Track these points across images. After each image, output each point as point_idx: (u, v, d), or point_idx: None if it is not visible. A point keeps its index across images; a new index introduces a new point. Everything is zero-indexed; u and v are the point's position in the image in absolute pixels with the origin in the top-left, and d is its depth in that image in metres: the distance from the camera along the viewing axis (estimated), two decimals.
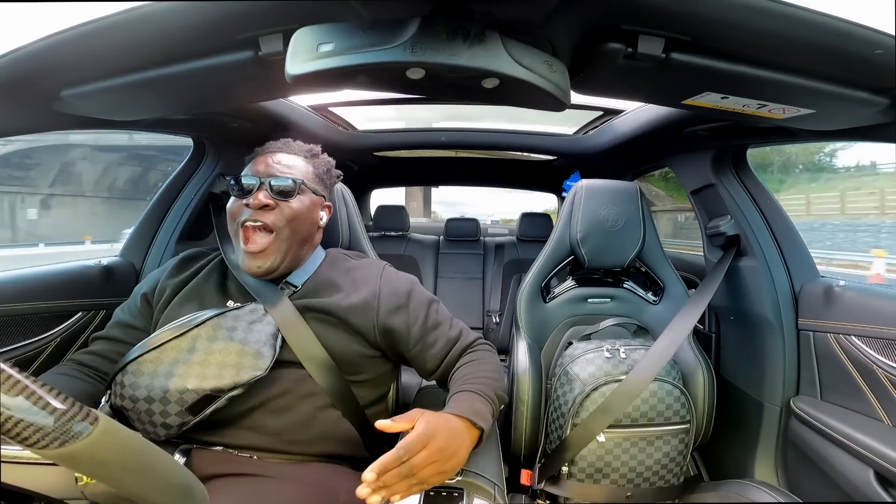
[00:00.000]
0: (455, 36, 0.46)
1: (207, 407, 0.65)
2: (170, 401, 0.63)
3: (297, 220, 0.76)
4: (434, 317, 0.81)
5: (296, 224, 0.76)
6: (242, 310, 0.73)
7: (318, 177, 0.84)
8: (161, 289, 0.79)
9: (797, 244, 1.11)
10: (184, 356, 0.66)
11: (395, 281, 0.81)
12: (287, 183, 0.75)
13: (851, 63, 0.54)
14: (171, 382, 0.63)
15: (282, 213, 0.74)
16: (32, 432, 0.32)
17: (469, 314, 2.15)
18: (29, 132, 0.79)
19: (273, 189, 0.74)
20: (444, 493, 0.63)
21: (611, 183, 1.17)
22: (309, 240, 0.81)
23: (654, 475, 0.94)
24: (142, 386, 0.64)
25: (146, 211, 1.21)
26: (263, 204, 0.73)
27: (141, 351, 0.66)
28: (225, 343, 0.67)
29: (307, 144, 0.86)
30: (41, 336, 0.92)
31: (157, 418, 0.64)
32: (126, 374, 0.65)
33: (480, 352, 0.81)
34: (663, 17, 0.49)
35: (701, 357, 1.04)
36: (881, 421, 0.85)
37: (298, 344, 0.72)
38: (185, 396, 0.63)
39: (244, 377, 0.65)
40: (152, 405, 0.64)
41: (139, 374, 0.65)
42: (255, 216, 0.73)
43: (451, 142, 1.76)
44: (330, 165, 0.89)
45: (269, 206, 0.73)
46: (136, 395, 0.64)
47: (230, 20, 0.52)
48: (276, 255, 0.74)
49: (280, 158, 0.79)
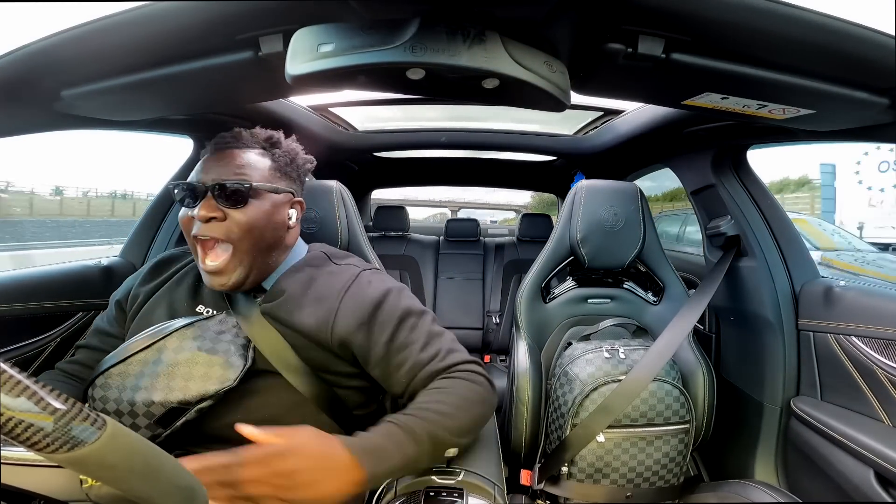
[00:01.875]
0: (455, 36, 0.46)
1: (177, 420, 0.63)
2: (138, 414, 0.62)
3: (255, 229, 0.67)
4: (404, 335, 0.69)
5: (255, 233, 0.67)
6: (211, 320, 0.68)
7: (279, 170, 0.73)
8: (134, 295, 0.76)
9: (797, 244, 1.11)
10: (150, 368, 0.63)
11: (360, 294, 0.71)
12: (236, 188, 0.66)
13: (851, 63, 0.54)
14: (138, 395, 0.61)
15: (234, 223, 0.66)
16: (33, 433, 0.32)
17: (469, 314, 2.16)
18: (29, 132, 0.79)
19: (221, 196, 0.65)
20: (444, 493, 0.62)
21: (611, 183, 1.17)
22: (277, 245, 0.73)
23: (653, 475, 0.94)
24: (111, 399, 0.62)
25: (146, 211, 1.21)
26: (210, 216, 0.65)
27: (108, 364, 0.64)
28: (191, 354, 0.64)
29: (265, 131, 0.76)
30: (41, 336, 0.92)
31: None
32: (95, 387, 0.63)
33: (457, 379, 0.66)
34: (663, 17, 0.49)
35: (701, 357, 1.04)
36: (881, 421, 0.85)
37: (271, 352, 0.67)
38: (151, 409, 0.61)
39: (211, 388, 0.63)
40: (122, 418, 0.61)
41: (107, 387, 0.63)
42: (204, 230, 0.66)
43: (451, 142, 1.76)
44: (294, 154, 0.77)
45: (216, 218, 0.65)
46: (106, 409, 0.62)
47: (230, 20, 0.52)
48: (238, 270, 0.68)
49: (229, 156, 0.69)
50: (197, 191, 0.67)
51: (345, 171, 2.04)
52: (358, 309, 0.69)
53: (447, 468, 0.68)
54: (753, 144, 1.11)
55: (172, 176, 1.23)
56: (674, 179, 1.40)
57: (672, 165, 1.39)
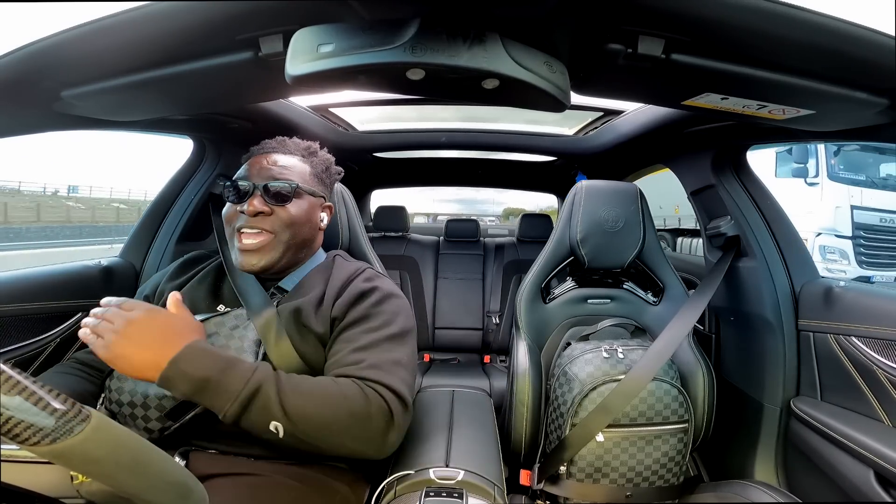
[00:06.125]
0: (455, 36, 0.46)
1: (186, 413, 0.64)
2: (150, 406, 0.64)
3: (296, 225, 0.74)
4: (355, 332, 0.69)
5: (294, 229, 0.74)
6: (227, 315, 0.71)
7: (316, 176, 0.81)
8: (160, 292, 0.80)
9: (797, 245, 1.11)
10: None
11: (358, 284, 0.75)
12: (283, 187, 0.73)
13: (851, 63, 0.54)
14: (151, 388, 0.63)
15: (278, 219, 0.73)
16: (32, 433, 0.32)
17: (469, 315, 2.16)
18: (29, 132, 0.79)
19: (268, 194, 0.72)
20: (444, 494, 0.62)
21: (611, 183, 1.17)
22: (309, 243, 0.79)
23: (653, 475, 0.94)
24: (126, 391, 0.64)
25: (146, 211, 1.21)
26: (258, 211, 0.71)
27: None
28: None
29: (305, 142, 0.84)
30: (41, 336, 0.92)
31: (139, 422, 0.64)
32: (113, 378, 0.66)
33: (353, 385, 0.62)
34: (663, 17, 0.49)
35: (701, 357, 1.04)
36: (881, 421, 0.85)
37: (277, 352, 0.69)
38: (163, 402, 0.63)
39: None
40: (135, 410, 0.64)
41: (123, 379, 0.65)
42: (251, 223, 0.72)
43: (451, 142, 1.76)
44: (329, 163, 0.85)
45: (264, 213, 0.72)
46: (121, 400, 0.64)
47: (230, 20, 0.52)
48: (273, 253, 0.73)
49: (276, 159, 0.76)
50: (245, 189, 0.73)
51: (345, 172, 2.04)
52: (349, 295, 0.73)
53: (447, 468, 0.68)
54: (753, 145, 1.11)
55: (173, 176, 1.24)
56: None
57: (672, 166, 1.39)
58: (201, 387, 0.56)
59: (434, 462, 0.71)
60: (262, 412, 0.57)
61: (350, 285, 0.75)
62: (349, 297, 0.73)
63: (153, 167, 23.78)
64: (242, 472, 0.66)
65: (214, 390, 0.56)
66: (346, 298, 0.73)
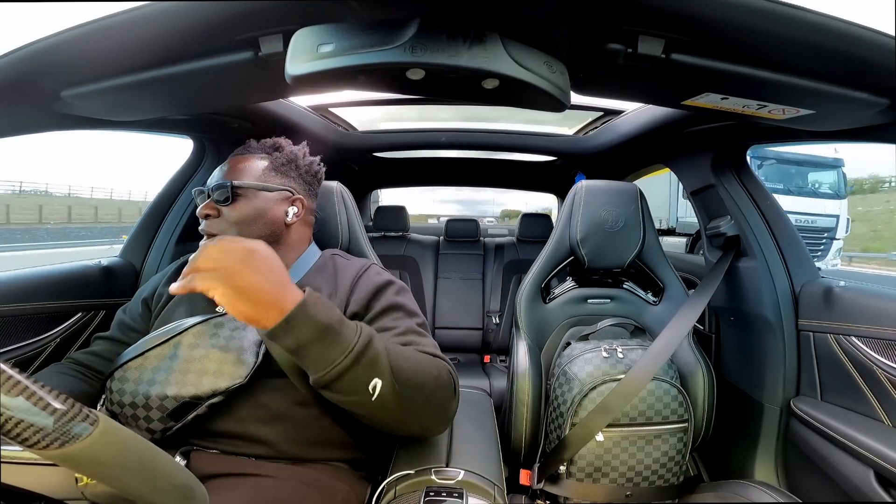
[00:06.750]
0: (455, 36, 0.46)
1: (188, 414, 0.65)
2: (151, 407, 0.64)
3: (243, 223, 0.74)
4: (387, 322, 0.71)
5: (241, 227, 0.74)
6: (227, 317, 0.71)
7: (275, 170, 0.79)
8: (159, 294, 0.80)
9: (797, 245, 1.11)
10: (165, 363, 0.66)
11: (369, 279, 0.76)
12: (222, 187, 0.74)
13: (851, 63, 0.54)
14: (153, 389, 0.64)
15: (225, 219, 0.74)
16: (32, 433, 0.32)
17: (469, 314, 2.15)
18: (29, 132, 0.79)
19: (213, 197, 0.74)
20: (444, 493, 0.62)
21: (611, 183, 1.17)
22: (276, 238, 0.77)
23: (653, 474, 0.94)
24: (127, 392, 0.65)
25: (146, 211, 1.21)
26: (206, 213, 0.74)
27: (127, 357, 0.67)
28: (205, 350, 0.67)
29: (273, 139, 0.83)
30: (41, 336, 0.93)
31: (141, 423, 0.64)
32: (114, 379, 0.66)
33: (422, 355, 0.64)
34: (663, 17, 0.49)
35: (701, 357, 1.04)
36: (881, 421, 0.85)
37: (279, 352, 0.68)
38: (165, 403, 0.63)
39: (222, 385, 0.65)
40: (136, 410, 0.64)
41: (125, 380, 0.65)
42: (204, 226, 0.74)
43: (450, 142, 1.76)
44: (293, 156, 0.82)
45: (212, 215, 0.74)
46: (122, 401, 0.64)
47: (230, 20, 0.52)
48: None
49: (233, 163, 0.78)
50: (204, 193, 0.76)
51: (345, 172, 2.04)
52: (364, 290, 0.74)
53: (447, 468, 0.68)
54: (753, 145, 1.11)
55: (172, 176, 1.24)
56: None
57: (672, 165, 1.39)
58: (320, 335, 0.51)
59: (434, 462, 0.71)
60: (370, 366, 0.54)
61: (360, 280, 0.76)
62: (366, 291, 0.74)
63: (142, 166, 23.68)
64: (243, 473, 0.66)
65: (333, 339, 0.52)
66: (362, 293, 0.74)
